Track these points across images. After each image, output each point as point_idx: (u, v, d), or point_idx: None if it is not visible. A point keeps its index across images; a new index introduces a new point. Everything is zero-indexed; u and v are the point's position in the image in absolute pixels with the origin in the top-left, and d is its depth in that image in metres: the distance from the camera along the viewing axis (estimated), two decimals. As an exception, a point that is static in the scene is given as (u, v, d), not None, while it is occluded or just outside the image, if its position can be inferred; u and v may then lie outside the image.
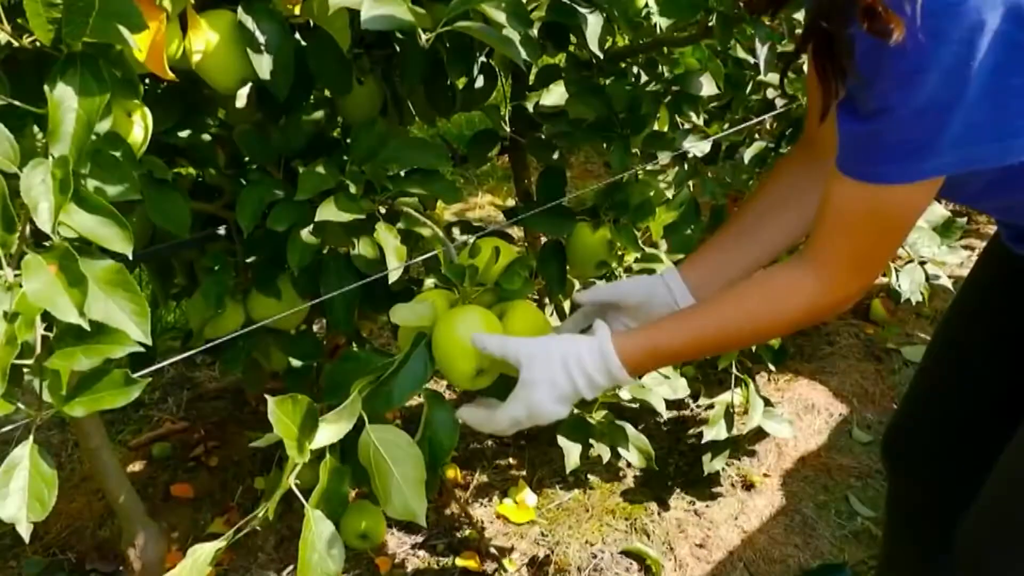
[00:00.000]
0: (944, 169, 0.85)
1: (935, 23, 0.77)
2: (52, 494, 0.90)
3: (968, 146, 0.83)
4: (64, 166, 0.86)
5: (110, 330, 0.88)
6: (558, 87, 1.68)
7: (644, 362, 1.06)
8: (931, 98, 0.80)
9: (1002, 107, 0.81)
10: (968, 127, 0.81)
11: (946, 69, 0.78)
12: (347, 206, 1.25)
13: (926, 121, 0.82)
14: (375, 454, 1.03)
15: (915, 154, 0.84)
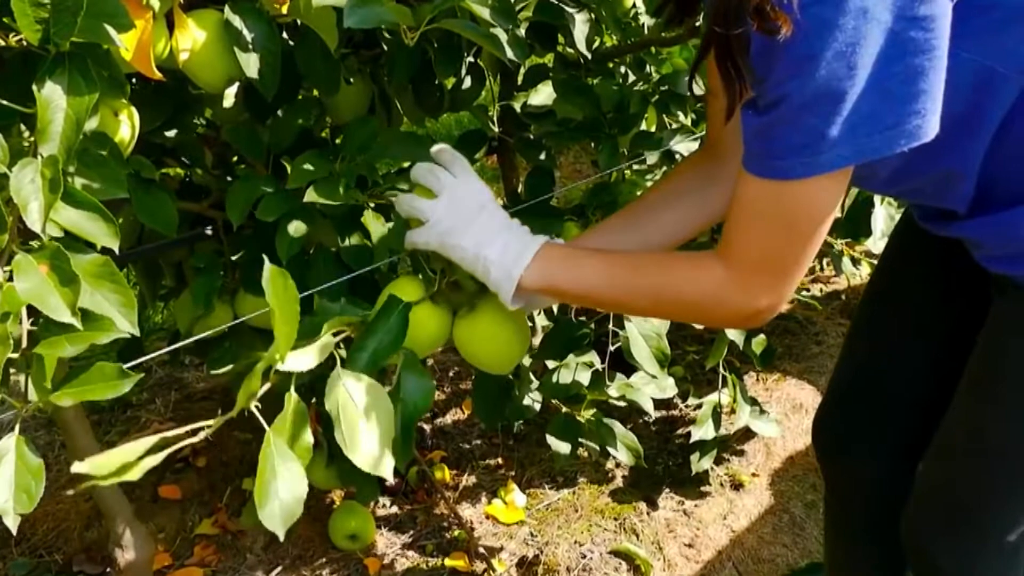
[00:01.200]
0: (840, 161, 0.85)
1: (820, 10, 0.78)
2: (39, 486, 0.90)
3: (860, 137, 0.83)
4: (53, 165, 0.86)
5: (95, 317, 0.88)
6: (546, 87, 1.68)
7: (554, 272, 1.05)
8: (821, 86, 0.81)
9: (887, 95, 0.82)
10: (859, 117, 0.82)
11: (834, 55, 0.80)
12: (333, 193, 1.25)
13: (818, 110, 0.83)
14: (344, 400, 0.97)
15: (810, 146, 0.84)
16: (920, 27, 0.80)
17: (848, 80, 0.80)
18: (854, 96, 0.81)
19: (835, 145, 0.83)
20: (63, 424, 1.37)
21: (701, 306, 1.01)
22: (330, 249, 1.41)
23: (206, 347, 1.57)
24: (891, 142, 0.83)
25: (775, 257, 0.93)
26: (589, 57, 1.60)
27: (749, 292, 0.95)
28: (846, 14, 0.78)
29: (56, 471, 2.17)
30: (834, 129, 0.82)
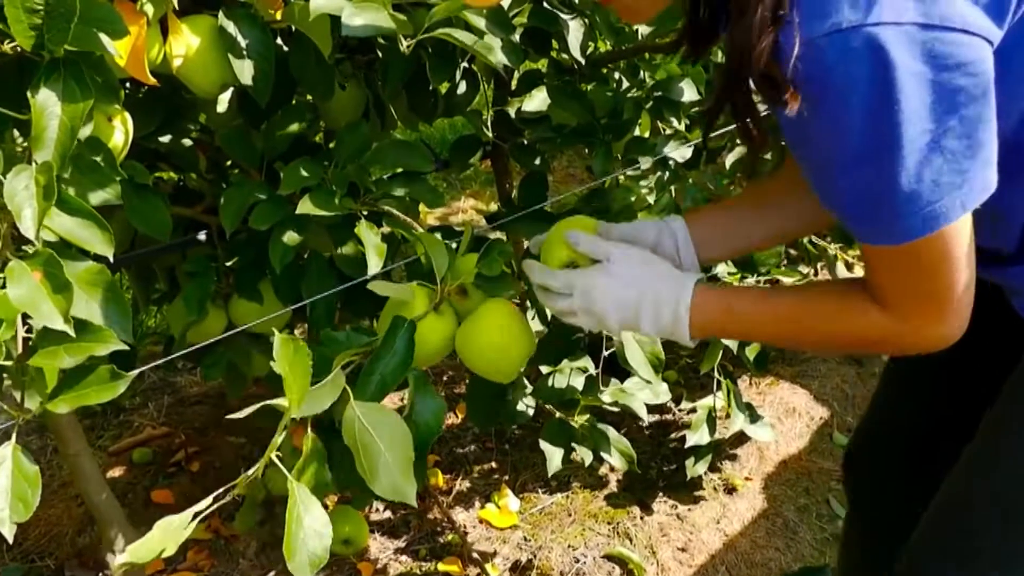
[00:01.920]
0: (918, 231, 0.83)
1: (844, 71, 0.76)
2: (35, 495, 0.89)
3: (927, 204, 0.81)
4: (48, 172, 0.86)
5: (94, 328, 0.88)
6: (540, 92, 1.68)
7: (714, 318, 1.04)
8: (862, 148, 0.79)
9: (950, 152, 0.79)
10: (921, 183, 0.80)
11: (868, 115, 0.77)
12: (327, 203, 1.25)
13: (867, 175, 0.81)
14: (360, 431, 0.99)
15: (875, 213, 0.83)
16: (964, 74, 0.77)
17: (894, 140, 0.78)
18: (907, 157, 0.78)
19: (902, 213, 0.82)
20: (56, 429, 1.37)
21: (871, 344, 1.01)
22: (324, 256, 1.41)
23: (199, 352, 1.57)
24: (964, 201, 0.82)
25: (926, 297, 0.91)
26: (583, 63, 1.60)
27: (920, 329, 0.93)
28: (870, 71, 0.75)
29: (49, 476, 2.16)
30: (894, 196, 0.80)
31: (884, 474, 1.39)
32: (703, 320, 1.03)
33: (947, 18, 0.75)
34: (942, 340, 0.94)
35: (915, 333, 0.94)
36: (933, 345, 0.95)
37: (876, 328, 0.95)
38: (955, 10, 0.75)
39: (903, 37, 0.74)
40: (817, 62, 0.77)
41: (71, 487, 2.12)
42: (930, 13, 0.74)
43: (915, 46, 0.75)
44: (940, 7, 0.75)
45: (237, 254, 1.43)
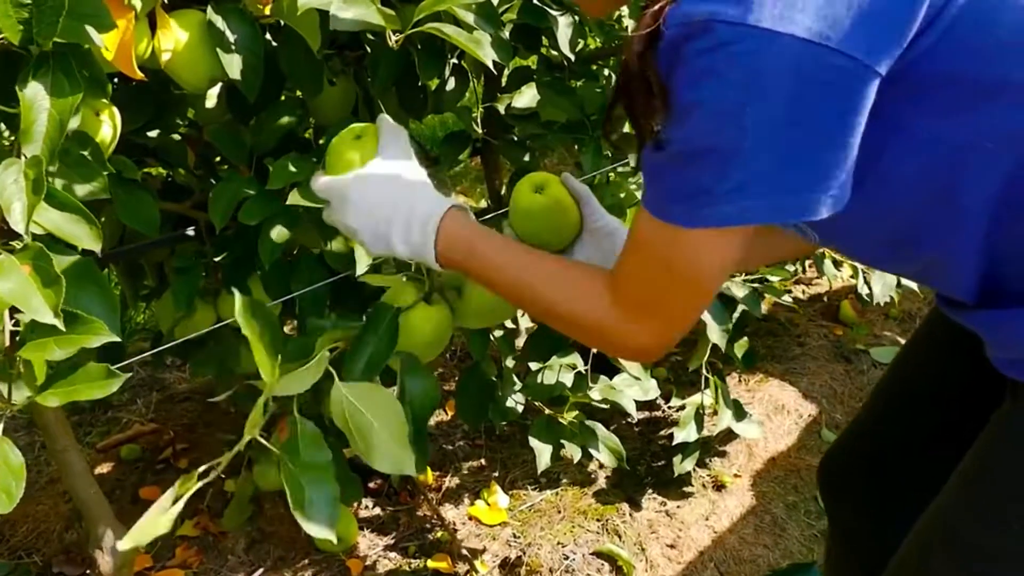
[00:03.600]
0: (722, 220, 0.80)
1: (709, 60, 0.73)
2: (20, 486, 0.89)
3: (746, 199, 0.78)
4: (37, 166, 0.86)
5: (84, 320, 0.88)
6: (530, 89, 1.68)
7: (457, 247, 1.02)
8: (706, 139, 0.77)
9: (782, 163, 0.76)
10: (747, 178, 0.77)
11: (720, 111, 0.75)
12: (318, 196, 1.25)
13: (703, 163, 0.78)
14: (351, 411, 0.98)
15: (694, 198, 0.80)
16: (828, 96, 0.74)
17: (736, 140, 0.75)
18: (743, 156, 0.76)
19: (719, 202, 0.78)
20: (43, 425, 1.36)
21: (584, 328, 0.99)
22: (313, 252, 1.41)
23: (189, 348, 1.56)
24: (777, 212, 0.79)
25: (656, 300, 0.90)
26: (573, 59, 1.60)
27: (629, 328, 0.93)
28: (734, 69, 0.73)
29: (36, 472, 2.15)
30: (720, 186, 0.78)
31: (859, 498, 1.37)
32: (448, 246, 1.01)
33: (829, 38, 0.71)
34: (643, 352, 0.95)
35: (622, 330, 0.93)
36: (633, 352, 0.96)
37: (595, 311, 0.95)
38: (840, 32, 0.72)
39: (777, 47, 0.71)
40: (687, 43, 0.74)
41: (59, 483, 2.11)
42: (813, 29, 0.71)
43: (789, 58, 0.72)
44: (825, 25, 0.71)
45: (226, 250, 1.43)
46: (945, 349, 1.23)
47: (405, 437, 0.98)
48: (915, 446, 1.27)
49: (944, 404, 1.24)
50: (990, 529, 0.97)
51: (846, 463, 1.38)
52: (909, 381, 1.31)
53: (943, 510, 1.04)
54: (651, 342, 0.93)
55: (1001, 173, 0.83)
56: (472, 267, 1.04)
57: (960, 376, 1.18)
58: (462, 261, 1.03)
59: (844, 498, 1.39)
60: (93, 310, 0.91)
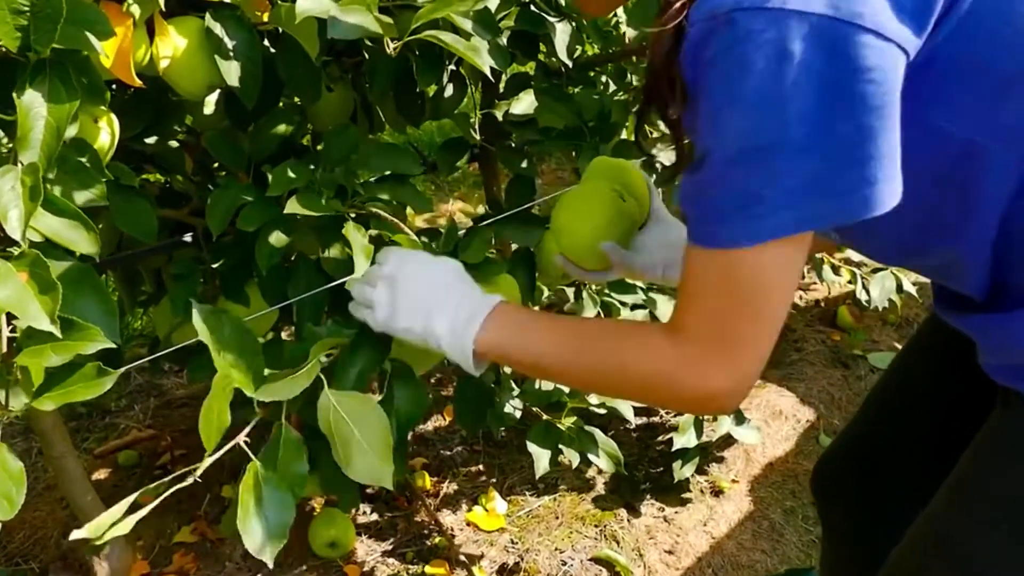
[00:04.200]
0: (780, 230, 0.75)
1: (738, 52, 0.70)
2: (21, 492, 0.88)
3: (800, 203, 0.73)
4: (34, 173, 0.86)
5: (81, 326, 0.88)
6: (528, 95, 1.69)
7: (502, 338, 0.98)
8: (744, 140, 0.73)
9: (830, 158, 0.72)
10: (797, 180, 0.72)
11: (755, 106, 0.71)
12: (315, 204, 1.25)
13: (747, 168, 0.73)
14: (336, 419, 0.98)
15: (743, 211, 0.75)
16: (865, 79, 0.70)
17: (777, 136, 0.71)
18: (788, 155, 0.72)
19: (773, 210, 0.74)
20: (40, 431, 1.36)
21: (649, 383, 0.90)
22: (311, 258, 1.41)
23: (186, 355, 1.56)
24: (835, 213, 0.74)
25: (726, 333, 0.82)
26: (570, 66, 1.61)
27: (701, 371, 0.84)
28: (765, 59, 0.69)
29: (33, 478, 2.15)
30: (769, 191, 0.73)
31: (853, 502, 1.37)
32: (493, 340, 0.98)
33: (858, 15, 0.68)
34: (719, 397, 0.85)
35: (691, 370, 0.85)
36: (706, 399, 0.86)
37: (654, 356, 0.87)
38: (870, 10, 0.69)
39: (806, 27, 0.68)
40: (713, 40, 0.71)
41: (56, 489, 2.11)
42: (842, 8, 0.68)
43: (819, 40, 0.68)
44: (852, 3, 0.68)
45: (223, 256, 1.43)
46: (941, 356, 1.23)
47: (388, 450, 0.98)
48: (909, 451, 1.27)
49: (939, 410, 1.23)
50: (981, 536, 0.96)
51: (840, 467, 1.37)
52: (904, 387, 1.31)
53: (934, 517, 1.04)
54: (727, 384, 0.84)
55: (1014, 170, 0.81)
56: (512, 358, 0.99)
57: (955, 383, 1.18)
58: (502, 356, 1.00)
59: (838, 502, 1.39)
60: (91, 316, 0.91)
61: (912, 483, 1.21)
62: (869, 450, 1.32)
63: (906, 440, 1.27)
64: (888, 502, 1.30)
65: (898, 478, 1.28)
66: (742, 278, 0.79)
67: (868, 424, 1.35)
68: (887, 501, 1.30)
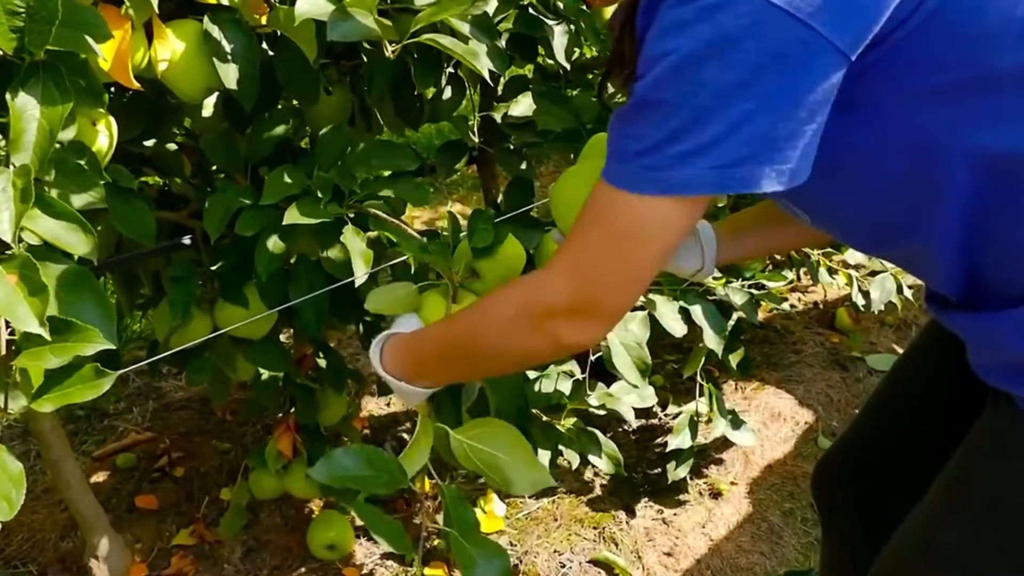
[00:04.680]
0: (668, 188, 0.77)
1: (680, 12, 0.73)
2: (20, 494, 0.88)
3: (687, 166, 0.75)
4: (26, 175, 0.86)
5: (79, 328, 0.88)
6: (526, 98, 1.69)
7: (403, 360, 1.07)
8: (663, 92, 0.75)
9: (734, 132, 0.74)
10: (697, 146, 0.75)
11: (680, 64, 0.73)
12: (314, 210, 1.25)
13: (654, 116, 0.76)
14: (472, 450, 1.04)
15: (638, 158, 0.78)
16: (788, 68, 0.72)
17: (689, 98, 0.74)
18: (694, 119, 0.74)
19: (664, 166, 0.76)
20: (39, 434, 1.37)
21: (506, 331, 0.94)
22: (311, 259, 1.41)
23: (185, 357, 1.56)
24: (719, 183, 0.76)
25: (587, 261, 0.85)
26: (568, 68, 1.61)
27: (546, 294, 0.88)
28: (702, 24, 0.72)
29: (31, 481, 2.15)
30: (666, 148, 0.76)
31: (853, 504, 1.37)
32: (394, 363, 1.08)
33: (799, 8, 0.70)
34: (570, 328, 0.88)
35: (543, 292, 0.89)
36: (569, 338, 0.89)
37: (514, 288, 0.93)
38: (811, 6, 0.70)
39: (746, 8, 0.70)
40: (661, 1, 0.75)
41: (54, 492, 2.11)
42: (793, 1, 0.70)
43: (755, 22, 0.71)
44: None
45: (222, 258, 1.43)
46: (941, 357, 1.22)
47: (529, 454, 1.03)
48: (909, 453, 1.27)
49: (939, 411, 1.23)
50: (966, 541, 0.96)
51: (840, 469, 1.37)
52: (905, 389, 1.30)
53: (921, 520, 1.03)
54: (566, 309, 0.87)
55: (976, 167, 0.81)
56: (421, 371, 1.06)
57: (955, 384, 1.18)
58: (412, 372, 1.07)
59: (838, 504, 1.39)
60: (89, 318, 0.91)
61: (912, 485, 1.20)
62: (869, 452, 1.32)
63: (906, 441, 1.27)
64: (888, 504, 1.29)
65: (898, 480, 1.28)
66: (621, 219, 0.81)
67: (868, 426, 1.35)
68: (887, 503, 1.30)
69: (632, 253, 0.83)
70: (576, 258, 0.87)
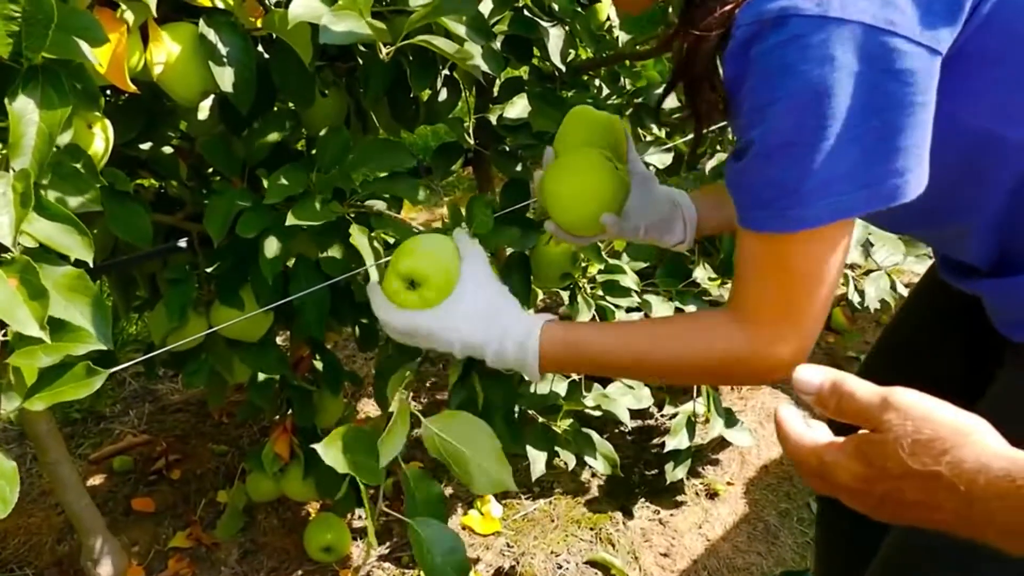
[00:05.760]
0: (813, 220, 0.81)
1: (782, 54, 0.76)
2: (14, 492, 0.88)
3: (833, 195, 0.80)
4: (25, 179, 0.86)
5: (71, 327, 0.88)
6: (521, 99, 1.69)
7: (560, 356, 1.03)
8: (785, 136, 0.79)
9: (864, 152, 0.78)
10: (832, 173, 0.79)
11: (797, 104, 0.77)
12: (315, 212, 1.25)
13: (784, 163, 0.80)
14: (441, 442, 1.04)
15: (779, 200, 0.82)
16: (898, 80, 0.76)
17: (816, 132, 0.77)
18: (825, 150, 0.78)
19: (806, 201, 0.80)
20: (35, 437, 1.36)
21: (724, 369, 0.97)
22: (311, 260, 1.41)
23: (181, 360, 1.56)
24: (867, 202, 0.80)
25: (785, 308, 0.90)
26: (564, 70, 1.61)
27: (770, 348, 0.91)
28: (808, 61, 0.76)
29: (28, 484, 2.15)
30: (805, 184, 0.79)
31: None
32: (550, 361, 1.03)
33: (894, 23, 0.75)
34: (784, 363, 0.92)
35: (764, 349, 0.92)
36: (774, 367, 0.92)
37: (725, 341, 0.94)
38: (904, 17, 0.76)
39: (847, 34, 0.75)
40: (758, 41, 0.78)
41: (51, 496, 2.11)
42: (878, 16, 0.75)
43: (858, 45, 0.75)
44: (889, 11, 0.75)
45: (218, 261, 1.43)
46: (936, 332, 1.26)
47: (498, 454, 1.03)
48: None
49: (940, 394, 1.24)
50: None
51: None
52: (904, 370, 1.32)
53: None
54: (791, 351, 0.91)
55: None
56: (582, 367, 1.07)
57: (959, 364, 1.21)
58: (570, 367, 1.07)
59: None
60: (84, 321, 0.91)
61: None
62: None
63: None
64: None
65: None
66: (792, 261, 0.86)
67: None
68: None
69: (818, 284, 0.87)
70: (775, 310, 0.90)
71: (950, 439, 0.57)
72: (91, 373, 0.92)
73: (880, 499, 0.62)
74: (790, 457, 0.70)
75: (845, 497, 0.65)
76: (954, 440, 0.57)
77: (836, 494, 0.65)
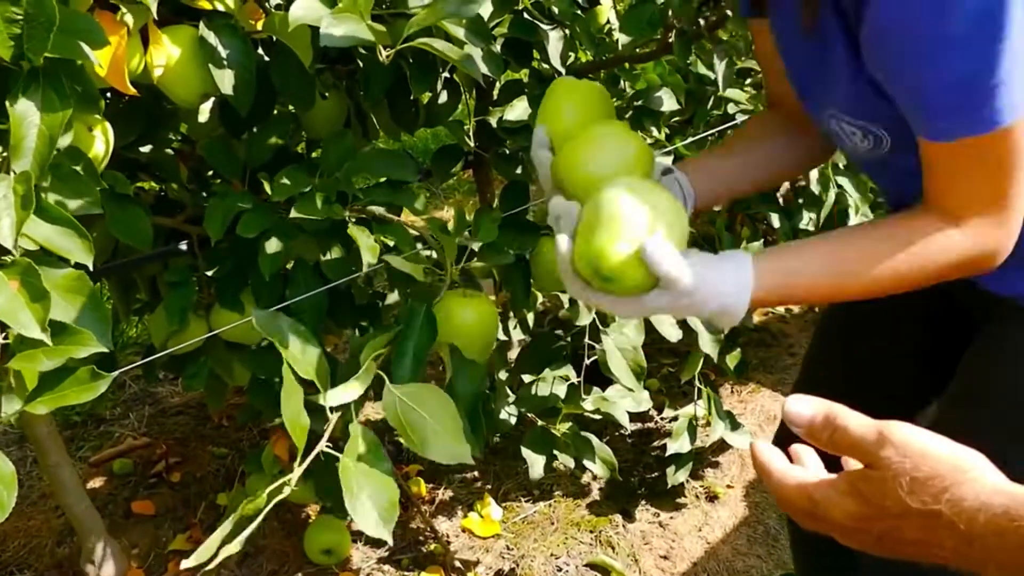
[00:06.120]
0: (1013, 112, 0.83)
1: None
2: (11, 495, 0.88)
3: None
4: (26, 182, 0.86)
5: (72, 330, 0.88)
6: (521, 102, 1.69)
7: (775, 286, 0.97)
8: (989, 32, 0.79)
9: None
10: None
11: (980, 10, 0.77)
12: (316, 209, 1.25)
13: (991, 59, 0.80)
14: (403, 410, 1.02)
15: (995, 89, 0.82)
16: None
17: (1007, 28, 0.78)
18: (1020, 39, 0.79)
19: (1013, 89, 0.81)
20: (35, 440, 1.37)
21: (946, 269, 0.96)
22: (309, 263, 1.41)
23: (181, 362, 1.56)
24: None
25: (1000, 202, 0.91)
26: (564, 72, 1.61)
27: (987, 242, 0.93)
28: None
29: (28, 487, 2.15)
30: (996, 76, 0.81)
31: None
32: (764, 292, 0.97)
33: None
34: (1005, 248, 0.94)
35: (984, 247, 0.94)
36: (991, 256, 0.95)
37: (954, 249, 0.94)
38: None
39: None
40: None
41: (51, 498, 2.11)
42: None
43: None
44: None
45: (218, 264, 1.44)
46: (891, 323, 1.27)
47: (460, 430, 1.02)
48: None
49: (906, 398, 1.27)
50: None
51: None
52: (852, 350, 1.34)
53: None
54: (1006, 241, 0.94)
55: None
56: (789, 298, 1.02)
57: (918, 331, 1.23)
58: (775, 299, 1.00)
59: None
60: (84, 323, 0.91)
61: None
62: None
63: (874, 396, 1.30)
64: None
65: None
66: (1000, 150, 0.87)
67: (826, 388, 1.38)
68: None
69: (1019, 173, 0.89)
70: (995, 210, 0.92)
71: (949, 476, 0.56)
72: (95, 377, 0.92)
73: (878, 537, 0.61)
74: (773, 494, 0.69)
75: (839, 535, 0.64)
76: (953, 477, 0.56)
77: (828, 532, 0.65)
